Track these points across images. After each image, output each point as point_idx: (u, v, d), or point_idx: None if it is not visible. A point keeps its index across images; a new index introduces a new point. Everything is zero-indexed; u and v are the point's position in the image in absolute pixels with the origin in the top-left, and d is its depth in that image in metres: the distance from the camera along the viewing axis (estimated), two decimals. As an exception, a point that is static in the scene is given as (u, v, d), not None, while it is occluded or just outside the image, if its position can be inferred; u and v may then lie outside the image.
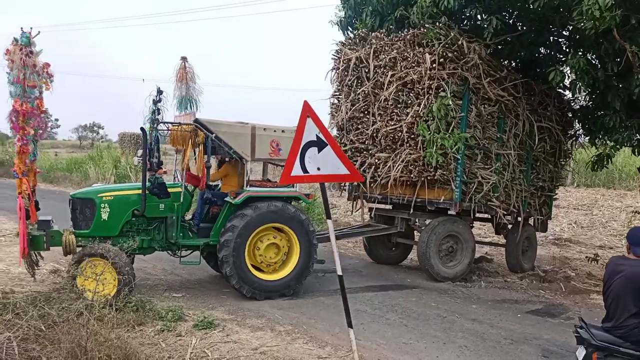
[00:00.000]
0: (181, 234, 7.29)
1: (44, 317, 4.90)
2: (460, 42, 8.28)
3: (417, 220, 9.38)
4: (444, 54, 8.19)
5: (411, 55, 8.55)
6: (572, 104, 10.67)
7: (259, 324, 6.22)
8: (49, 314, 4.95)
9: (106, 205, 6.92)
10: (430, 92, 8.25)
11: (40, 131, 6.63)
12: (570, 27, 8.73)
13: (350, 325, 4.29)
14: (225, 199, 7.38)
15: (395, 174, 8.72)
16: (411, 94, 8.54)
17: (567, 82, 8.71)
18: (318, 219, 13.80)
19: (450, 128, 8.25)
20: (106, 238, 6.90)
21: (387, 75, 8.81)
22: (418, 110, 8.34)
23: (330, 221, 4.28)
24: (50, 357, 4.40)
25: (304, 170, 4.02)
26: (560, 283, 9.30)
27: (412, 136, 8.51)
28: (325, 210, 4.30)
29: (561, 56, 9.28)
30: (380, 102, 8.94)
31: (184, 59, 7.84)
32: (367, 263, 10.51)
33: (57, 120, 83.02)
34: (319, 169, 4.07)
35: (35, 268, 6.83)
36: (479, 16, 8.67)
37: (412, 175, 8.66)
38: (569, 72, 8.39)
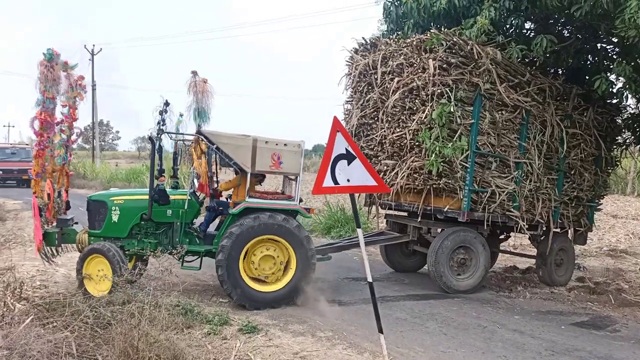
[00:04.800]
0: (187, 240, 7.54)
1: (99, 318, 5.29)
2: (469, 48, 8.12)
3: (429, 229, 9.14)
4: (447, 59, 8.04)
5: (417, 61, 8.41)
6: (621, 110, 10.23)
7: (301, 330, 6.41)
8: (104, 315, 5.33)
9: (117, 208, 7.32)
10: (435, 98, 8.07)
11: (74, 138, 7.44)
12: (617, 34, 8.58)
13: (380, 330, 4.43)
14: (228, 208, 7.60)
15: (401, 181, 8.59)
16: (416, 101, 8.40)
17: (614, 89, 8.53)
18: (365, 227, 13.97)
19: (457, 135, 8.09)
20: (116, 239, 7.31)
21: (394, 82, 8.71)
22: (422, 117, 8.19)
23: (360, 230, 4.45)
24: (104, 355, 4.74)
25: (335, 181, 4.22)
26: (610, 295, 9.05)
27: (417, 143, 8.36)
28: (355, 219, 4.47)
29: (608, 63, 9.08)
30: (388, 108, 8.84)
31: (194, 72, 8.17)
32: (409, 273, 10.54)
33: (117, 132, 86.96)
34: (348, 180, 4.26)
35: (52, 259, 7.46)
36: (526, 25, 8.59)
37: (417, 183, 8.50)
38: (615, 79, 8.24)
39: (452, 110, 7.88)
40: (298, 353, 5.64)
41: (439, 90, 8.01)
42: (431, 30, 8.34)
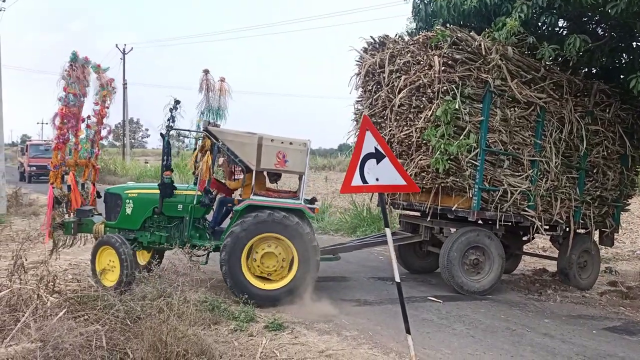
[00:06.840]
0: (197, 235, 7.70)
1: (129, 312, 5.37)
2: (476, 43, 7.96)
3: (441, 229, 8.91)
4: (452, 55, 7.88)
5: (424, 58, 8.27)
6: None
7: (326, 328, 6.42)
8: (134, 309, 5.41)
9: (130, 201, 7.59)
10: (440, 95, 7.93)
11: (104, 134, 8.08)
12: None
13: (408, 331, 4.40)
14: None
15: None
16: (423, 98, 8.25)
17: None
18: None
19: (464, 133, 7.92)
20: (130, 231, 7.55)
21: (400, 80, 8.58)
22: (429, 115, 8.06)
23: (388, 229, 4.43)
24: (134, 349, 4.81)
25: (364, 180, 4.20)
26: (643, 300, 8.84)
27: (424, 142, 8.22)
28: (384, 218, 4.45)
29: (644, 62, 8.84)
30: (395, 107, 8.70)
31: (205, 71, 8.28)
32: (436, 273, 10.43)
33: (147, 130, 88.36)
34: (377, 179, 4.23)
35: (60, 247, 7.75)
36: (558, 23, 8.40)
37: (425, 182, 8.36)
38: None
39: (457, 107, 7.74)
40: (324, 352, 5.64)
41: (444, 88, 7.88)
42: (437, 27, 8.22)
